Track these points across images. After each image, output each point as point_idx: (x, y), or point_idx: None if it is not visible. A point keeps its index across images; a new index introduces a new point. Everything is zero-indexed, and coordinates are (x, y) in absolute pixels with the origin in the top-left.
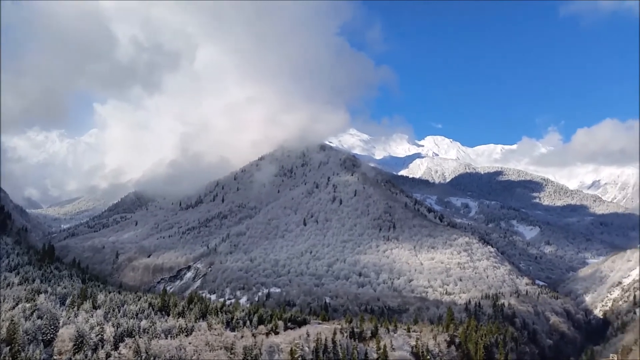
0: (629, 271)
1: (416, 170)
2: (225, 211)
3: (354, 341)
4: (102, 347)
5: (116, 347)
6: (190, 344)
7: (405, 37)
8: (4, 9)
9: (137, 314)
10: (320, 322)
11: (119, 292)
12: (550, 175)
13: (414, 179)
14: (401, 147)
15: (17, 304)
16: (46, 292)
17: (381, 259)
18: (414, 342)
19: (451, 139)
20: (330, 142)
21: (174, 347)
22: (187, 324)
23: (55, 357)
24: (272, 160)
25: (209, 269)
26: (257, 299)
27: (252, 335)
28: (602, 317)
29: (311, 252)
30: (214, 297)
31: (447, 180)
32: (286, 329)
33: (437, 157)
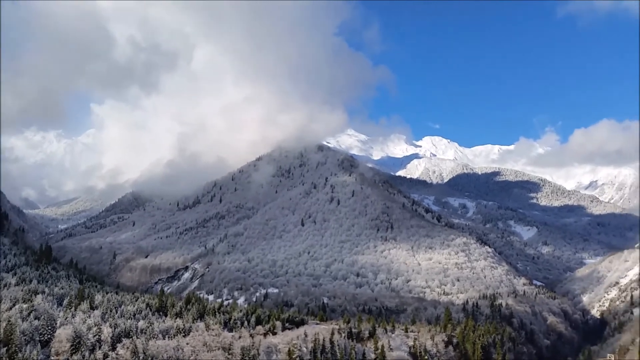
0: (626, 271)
1: (414, 170)
2: (222, 211)
3: (352, 341)
4: (100, 347)
5: (114, 348)
6: (187, 344)
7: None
8: (2, 8)
9: (134, 315)
10: (318, 322)
11: (117, 293)
12: (547, 175)
13: (411, 180)
14: (399, 148)
15: (14, 305)
16: (43, 292)
17: (379, 259)
18: (411, 343)
19: (449, 140)
20: (328, 143)
21: (172, 348)
22: (184, 325)
23: (52, 358)
24: (269, 160)
25: (207, 270)
26: (254, 299)
27: (250, 335)
28: (599, 317)
29: (309, 253)
30: (211, 297)
31: (445, 180)
32: (284, 329)
33: (435, 157)
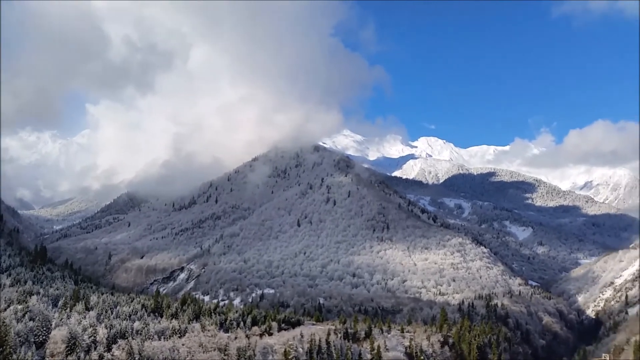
0: (620, 271)
1: (410, 171)
2: (218, 212)
3: (348, 342)
4: (95, 348)
5: (109, 349)
6: (183, 345)
7: (399, 38)
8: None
9: (130, 316)
10: (314, 323)
11: (112, 294)
12: (542, 176)
13: (407, 180)
14: (395, 148)
15: (9, 306)
16: (38, 293)
17: (375, 259)
18: (407, 343)
19: (444, 140)
20: (324, 143)
21: (167, 349)
22: (180, 326)
23: (47, 359)
24: (265, 161)
25: (203, 270)
26: (250, 300)
27: (246, 336)
28: (594, 317)
29: (305, 253)
30: (207, 298)
31: (441, 181)
32: (280, 330)
33: (431, 158)
